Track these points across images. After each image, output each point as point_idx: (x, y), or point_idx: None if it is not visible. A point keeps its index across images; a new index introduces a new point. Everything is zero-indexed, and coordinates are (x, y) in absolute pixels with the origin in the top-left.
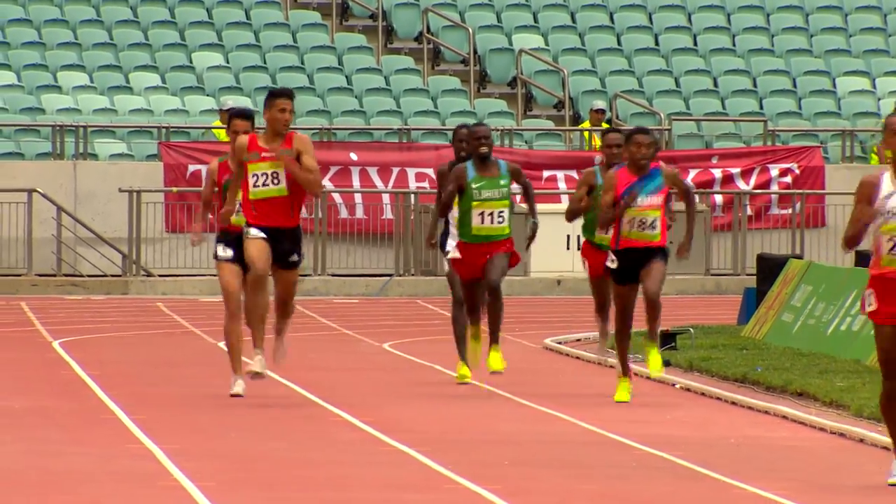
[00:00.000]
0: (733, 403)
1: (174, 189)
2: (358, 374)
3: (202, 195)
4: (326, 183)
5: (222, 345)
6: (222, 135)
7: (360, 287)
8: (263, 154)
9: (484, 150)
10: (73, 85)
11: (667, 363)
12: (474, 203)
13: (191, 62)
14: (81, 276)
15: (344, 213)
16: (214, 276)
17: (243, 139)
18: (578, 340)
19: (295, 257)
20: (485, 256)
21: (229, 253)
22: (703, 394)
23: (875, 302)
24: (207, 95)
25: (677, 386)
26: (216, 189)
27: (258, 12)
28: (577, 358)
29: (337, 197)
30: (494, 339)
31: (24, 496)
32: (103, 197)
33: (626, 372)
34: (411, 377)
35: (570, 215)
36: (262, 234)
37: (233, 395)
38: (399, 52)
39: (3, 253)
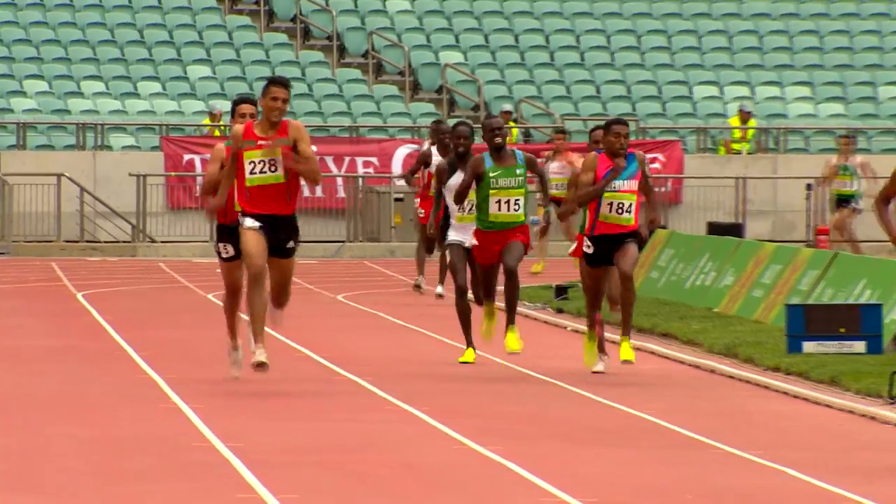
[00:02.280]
0: (611, 342)
1: (173, 174)
2: (317, 319)
3: (207, 176)
4: None
5: (212, 297)
6: (208, 129)
7: (318, 251)
8: (259, 142)
9: (498, 140)
10: (93, 91)
11: (559, 311)
12: (492, 191)
13: (185, 74)
14: (99, 242)
15: (306, 193)
16: (205, 242)
17: (239, 128)
18: None
19: (291, 244)
20: (501, 244)
21: (230, 252)
22: (578, 331)
23: None
24: (198, 100)
25: (569, 329)
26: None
27: (238, 34)
28: (501, 310)
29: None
30: (511, 319)
31: (61, 414)
32: (117, 180)
33: (601, 347)
34: (360, 322)
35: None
36: (257, 224)
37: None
38: (350, 65)
39: (38, 224)
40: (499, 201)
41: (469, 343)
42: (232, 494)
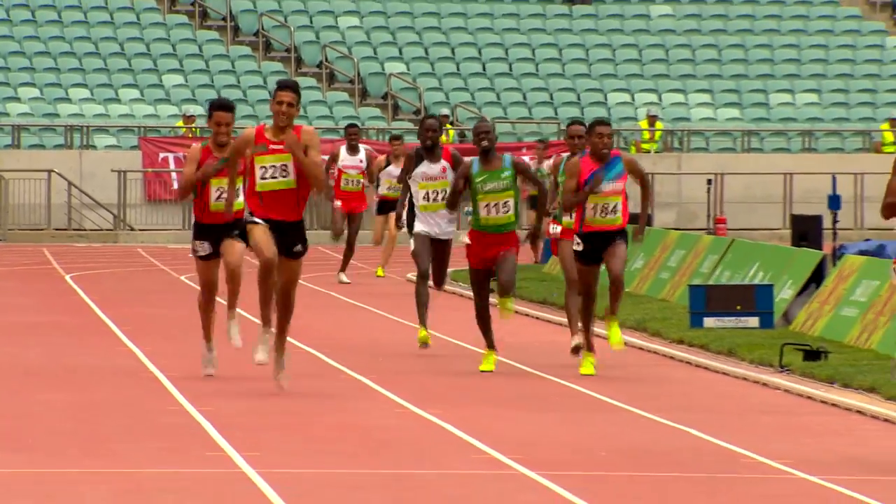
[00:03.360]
0: (537, 318)
1: (150, 170)
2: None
3: (184, 177)
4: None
5: (185, 279)
6: (183, 131)
7: None
8: (272, 146)
9: (485, 144)
10: (79, 97)
11: (491, 290)
12: (479, 196)
13: (161, 82)
14: (85, 230)
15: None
16: (179, 230)
17: (250, 131)
18: None
19: (299, 247)
20: (493, 247)
21: (207, 250)
22: (516, 312)
23: None
24: (173, 105)
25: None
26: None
27: (207, 47)
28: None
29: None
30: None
31: (49, 382)
32: (100, 175)
33: (590, 347)
34: (315, 301)
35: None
36: (262, 222)
37: (206, 375)
38: (306, 74)
39: (31, 214)
40: (487, 205)
41: (423, 323)
42: (201, 452)
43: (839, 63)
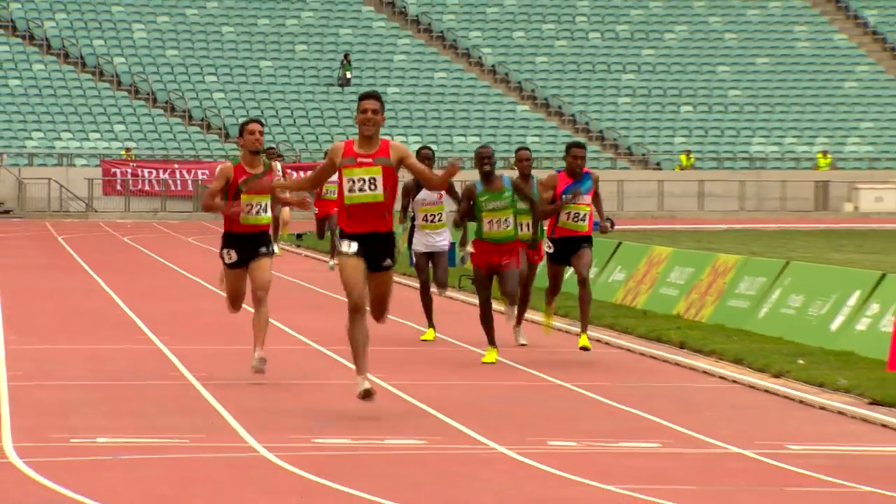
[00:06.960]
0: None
1: (106, 178)
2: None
3: (210, 190)
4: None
5: (127, 240)
6: (126, 156)
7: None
8: (360, 159)
9: (486, 168)
10: (67, 137)
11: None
12: (483, 213)
13: (112, 129)
14: (69, 212)
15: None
16: (123, 211)
17: (339, 144)
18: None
19: (388, 261)
20: (496, 255)
21: (233, 258)
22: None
23: None
24: (119, 141)
25: (330, 265)
26: (226, 189)
27: (139, 109)
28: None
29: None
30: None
31: (43, 296)
32: (78, 181)
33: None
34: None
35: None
36: (354, 248)
37: (255, 370)
38: (195, 125)
39: (39, 203)
40: (490, 221)
41: (430, 325)
42: (134, 336)
43: (490, 119)
